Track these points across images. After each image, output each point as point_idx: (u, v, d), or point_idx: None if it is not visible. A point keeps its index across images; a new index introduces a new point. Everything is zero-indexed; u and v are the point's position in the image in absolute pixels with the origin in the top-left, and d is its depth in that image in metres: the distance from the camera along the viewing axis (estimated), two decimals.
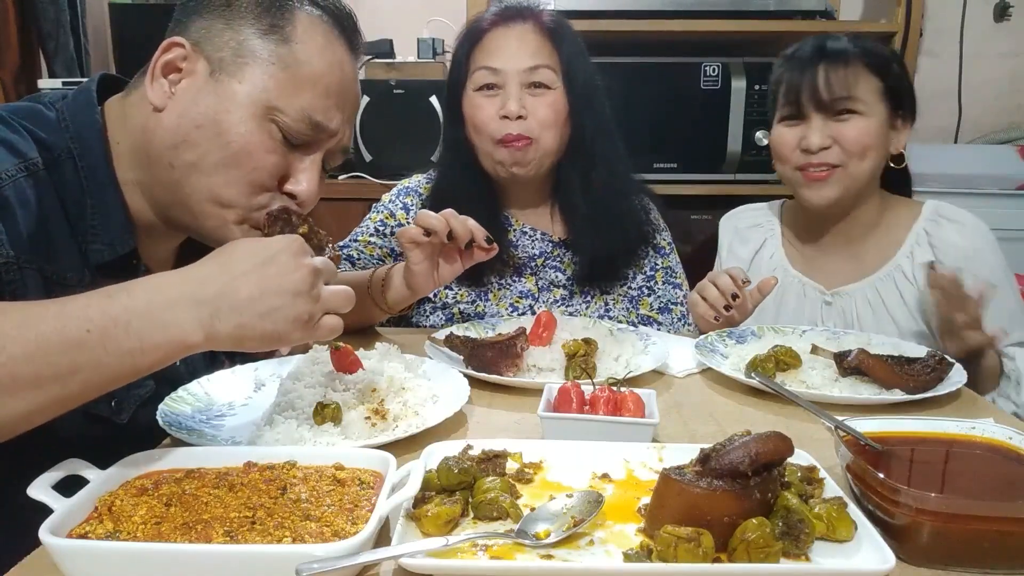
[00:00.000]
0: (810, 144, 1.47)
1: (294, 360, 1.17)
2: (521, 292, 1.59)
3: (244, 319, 0.78)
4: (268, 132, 0.98)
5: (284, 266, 0.81)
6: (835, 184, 1.48)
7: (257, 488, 0.74)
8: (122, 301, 0.75)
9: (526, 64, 1.48)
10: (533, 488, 0.80)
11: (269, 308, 0.79)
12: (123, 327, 0.74)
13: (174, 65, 0.99)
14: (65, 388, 0.73)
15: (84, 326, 0.73)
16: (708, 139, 2.48)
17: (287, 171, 1.02)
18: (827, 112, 1.47)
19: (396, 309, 1.37)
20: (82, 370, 0.73)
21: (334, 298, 0.85)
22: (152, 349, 0.76)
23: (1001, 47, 2.94)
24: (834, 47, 1.49)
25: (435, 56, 2.69)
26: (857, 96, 1.46)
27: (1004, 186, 2.56)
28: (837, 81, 1.46)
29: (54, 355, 0.71)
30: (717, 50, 2.49)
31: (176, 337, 0.76)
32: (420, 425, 0.96)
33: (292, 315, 0.80)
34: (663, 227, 1.69)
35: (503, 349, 1.17)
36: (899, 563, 0.67)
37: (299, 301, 0.81)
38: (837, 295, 1.56)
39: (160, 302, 0.76)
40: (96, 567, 0.64)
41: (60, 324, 0.72)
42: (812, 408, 0.96)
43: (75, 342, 0.72)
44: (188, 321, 0.76)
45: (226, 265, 0.80)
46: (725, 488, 0.68)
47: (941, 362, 1.13)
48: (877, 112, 1.48)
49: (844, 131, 1.47)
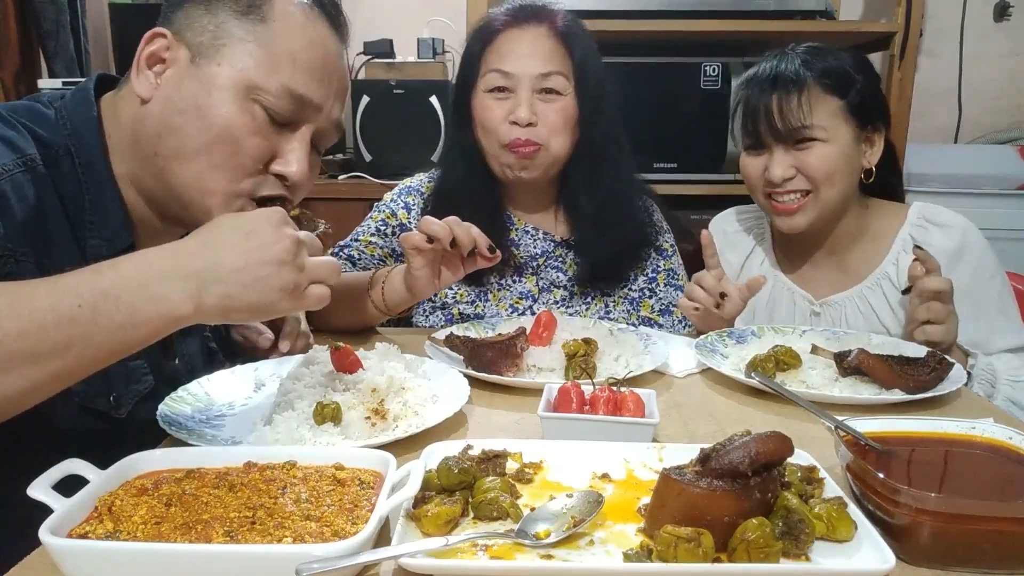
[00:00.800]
0: (773, 176, 1.45)
1: (294, 360, 1.17)
2: (521, 293, 1.59)
3: (230, 290, 0.79)
4: (251, 113, 0.98)
5: (266, 236, 0.81)
6: (806, 212, 1.46)
7: (257, 488, 0.74)
8: (111, 276, 0.76)
9: (539, 70, 1.47)
10: (533, 488, 0.80)
11: (254, 278, 0.80)
12: (113, 301, 0.75)
13: (158, 56, 0.99)
14: (61, 363, 0.74)
15: (75, 301, 0.74)
16: (708, 139, 2.48)
17: (274, 153, 1.02)
18: (786, 142, 1.44)
19: (395, 311, 1.37)
20: (75, 345, 0.74)
21: (319, 268, 0.86)
22: (143, 323, 0.77)
23: (1001, 47, 2.95)
24: (786, 73, 1.44)
25: (435, 56, 2.69)
26: (815, 124, 1.42)
27: (1004, 186, 2.56)
28: (792, 110, 1.42)
29: (48, 331, 0.73)
30: (717, 50, 2.49)
31: (166, 310, 0.77)
32: (420, 425, 0.96)
33: (278, 284, 0.81)
34: (665, 229, 1.69)
35: (503, 349, 1.17)
36: (899, 563, 0.67)
37: (284, 270, 0.81)
38: (826, 304, 1.55)
39: (149, 276, 0.77)
40: (96, 567, 0.64)
41: (52, 301, 0.73)
42: (812, 408, 0.96)
43: (67, 317, 0.73)
44: (177, 293, 0.77)
45: (210, 238, 0.81)
46: (725, 488, 0.68)
47: (941, 362, 1.13)
48: (841, 134, 1.44)
49: (806, 160, 1.43)
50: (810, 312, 1.56)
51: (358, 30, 2.80)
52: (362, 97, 2.52)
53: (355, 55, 2.76)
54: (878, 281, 1.51)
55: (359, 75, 2.70)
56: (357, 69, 2.73)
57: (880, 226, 1.54)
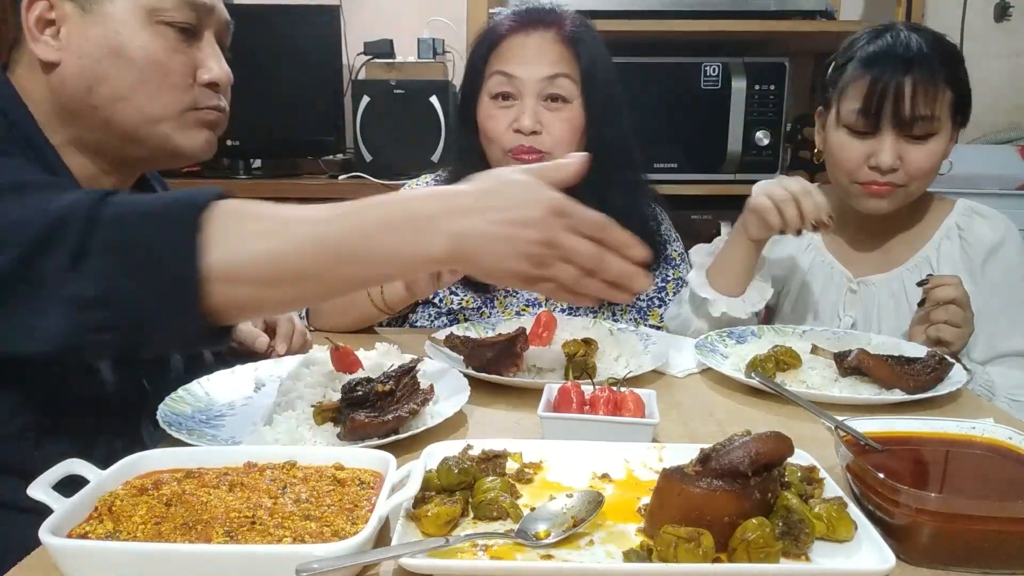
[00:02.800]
0: (882, 163, 1.34)
1: (294, 360, 1.17)
2: (528, 300, 1.58)
3: (484, 226, 0.77)
4: (162, 34, 1.00)
5: (532, 186, 0.81)
6: (892, 200, 1.40)
7: (257, 488, 0.74)
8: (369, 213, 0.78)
9: (544, 73, 1.44)
10: (533, 488, 0.80)
11: (510, 220, 0.78)
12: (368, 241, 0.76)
13: (44, 19, 0.99)
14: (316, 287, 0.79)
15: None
16: (708, 139, 2.48)
17: (195, 65, 1.04)
18: (903, 130, 1.34)
19: (395, 309, 1.38)
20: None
21: (583, 250, 0.80)
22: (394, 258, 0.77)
23: (1001, 47, 2.94)
24: (924, 54, 1.32)
25: (435, 56, 2.69)
26: (936, 115, 1.33)
27: (1004, 186, 2.56)
28: (924, 99, 1.31)
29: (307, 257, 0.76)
30: (717, 50, 2.49)
31: (422, 250, 0.77)
32: (420, 425, 0.96)
33: (535, 237, 0.77)
34: (674, 237, 1.67)
35: (503, 349, 1.17)
36: (899, 563, 0.67)
37: (548, 222, 0.78)
38: (863, 284, 1.52)
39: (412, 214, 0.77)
40: (96, 567, 0.64)
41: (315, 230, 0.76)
42: (812, 408, 0.96)
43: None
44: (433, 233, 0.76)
45: (476, 181, 0.82)
46: (725, 488, 0.68)
47: (941, 362, 1.13)
48: (946, 130, 1.36)
49: (914, 154, 1.35)
50: (847, 289, 1.53)
51: (358, 30, 2.82)
52: (362, 97, 2.52)
53: (355, 55, 2.76)
54: (917, 265, 1.48)
55: (359, 75, 2.70)
56: (357, 69, 2.73)
57: (927, 214, 1.52)
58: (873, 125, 1.35)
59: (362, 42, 2.73)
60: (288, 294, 0.79)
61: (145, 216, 0.77)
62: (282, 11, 2.68)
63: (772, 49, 2.66)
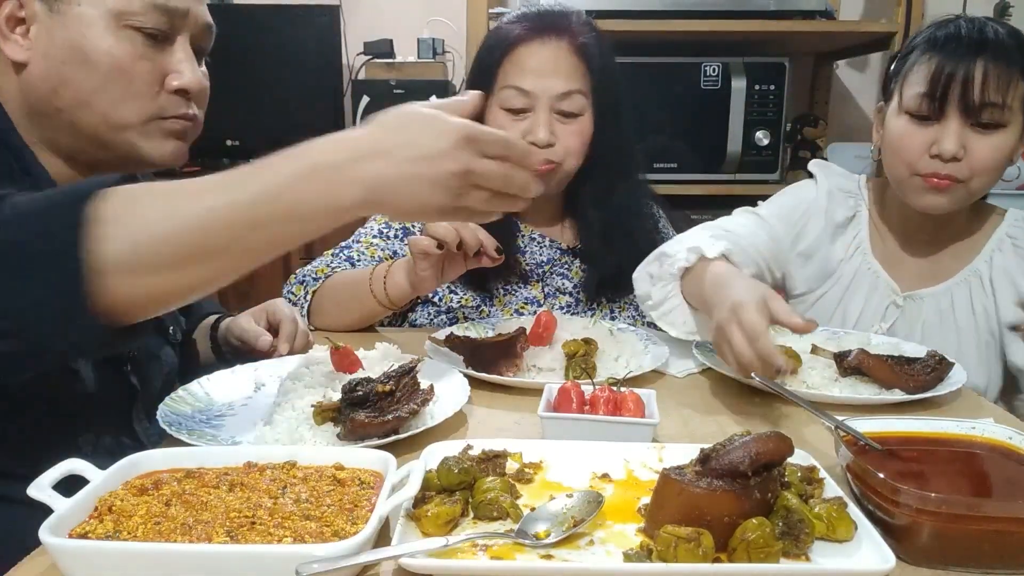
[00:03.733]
0: (944, 151, 1.25)
1: (294, 360, 1.17)
2: (526, 299, 1.58)
3: (395, 167, 0.76)
4: (129, 39, 0.98)
5: (438, 119, 0.78)
6: (951, 196, 1.31)
7: (257, 488, 0.74)
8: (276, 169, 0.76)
9: (559, 89, 1.44)
10: (533, 488, 0.80)
11: (421, 154, 0.76)
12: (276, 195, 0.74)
13: (14, 17, 0.97)
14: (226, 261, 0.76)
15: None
16: (708, 139, 2.49)
17: (163, 71, 1.02)
18: (970, 118, 1.25)
19: (398, 305, 1.38)
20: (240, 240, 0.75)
21: (491, 172, 0.78)
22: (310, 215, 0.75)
23: None
24: (998, 39, 1.24)
25: (435, 56, 2.69)
26: (1008, 104, 1.24)
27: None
28: (995, 85, 1.22)
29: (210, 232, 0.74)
30: (717, 50, 2.50)
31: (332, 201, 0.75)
32: (420, 425, 0.96)
33: (448, 168, 0.76)
34: (672, 236, 1.68)
35: (503, 349, 1.17)
36: (899, 563, 0.67)
37: (457, 154, 0.76)
38: (910, 299, 1.42)
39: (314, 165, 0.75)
40: (96, 567, 0.64)
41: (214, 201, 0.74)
42: (812, 408, 0.96)
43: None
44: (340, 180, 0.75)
45: (375, 122, 0.81)
46: (725, 488, 0.68)
47: (941, 362, 1.13)
48: (1017, 124, 1.27)
49: (979, 146, 1.26)
50: (890, 303, 1.42)
51: (358, 30, 2.82)
52: (362, 97, 2.53)
53: (355, 55, 2.77)
54: (966, 278, 1.41)
55: (359, 75, 2.70)
56: (357, 69, 2.73)
57: (980, 224, 1.44)
58: (938, 110, 1.26)
59: (362, 42, 2.73)
60: (196, 276, 0.75)
61: (25, 216, 0.73)
62: (282, 11, 2.69)
63: (772, 49, 2.67)
